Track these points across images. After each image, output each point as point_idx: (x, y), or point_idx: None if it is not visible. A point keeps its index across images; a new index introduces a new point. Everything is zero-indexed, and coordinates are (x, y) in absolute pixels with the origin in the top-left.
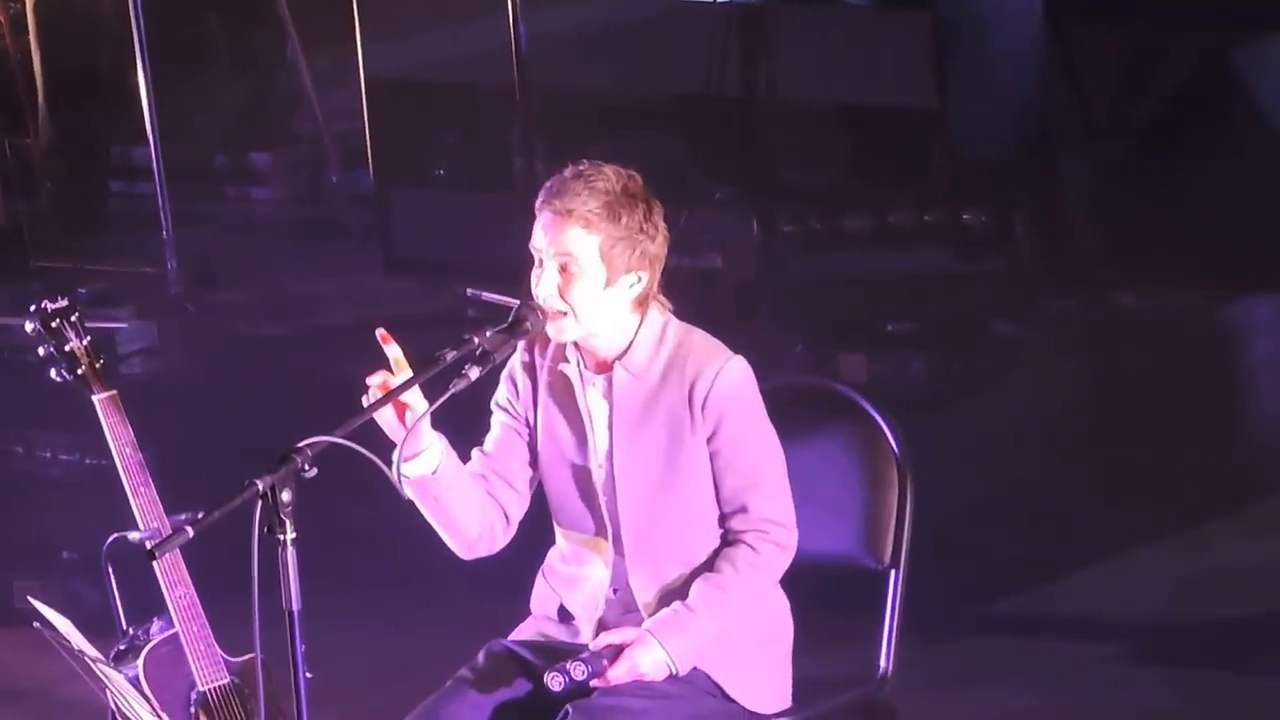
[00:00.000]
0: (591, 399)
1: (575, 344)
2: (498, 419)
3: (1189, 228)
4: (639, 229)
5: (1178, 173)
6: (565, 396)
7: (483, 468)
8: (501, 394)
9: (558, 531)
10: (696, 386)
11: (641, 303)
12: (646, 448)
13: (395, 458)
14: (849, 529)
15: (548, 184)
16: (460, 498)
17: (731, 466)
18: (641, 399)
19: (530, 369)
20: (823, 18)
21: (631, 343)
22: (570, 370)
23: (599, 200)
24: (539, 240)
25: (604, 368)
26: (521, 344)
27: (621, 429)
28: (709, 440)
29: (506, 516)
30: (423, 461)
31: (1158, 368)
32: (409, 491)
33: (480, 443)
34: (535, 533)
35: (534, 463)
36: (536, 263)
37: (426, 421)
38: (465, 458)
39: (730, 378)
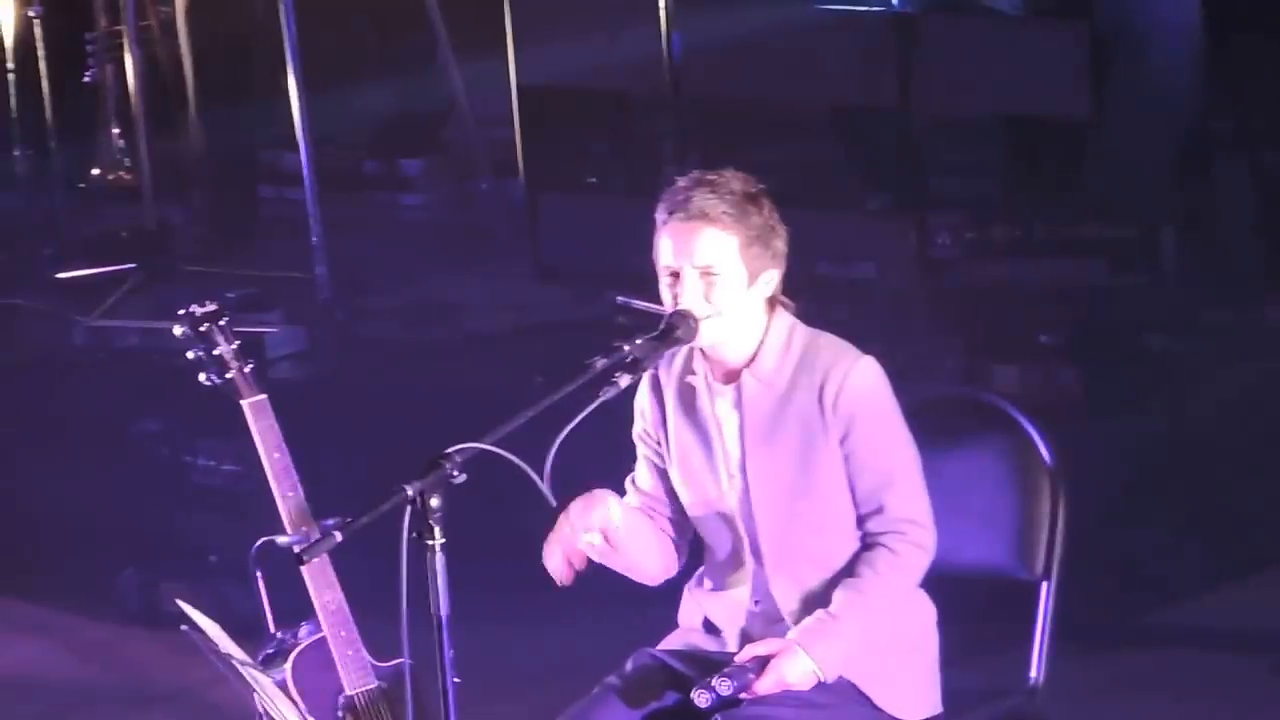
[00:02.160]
0: (721, 410)
1: (703, 354)
2: (640, 451)
3: None
4: (767, 226)
5: None
6: (694, 410)
7: (640, 502)
8: (636, 425)
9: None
10: (826, 388)
11: (770, 304)
12: (779, 455)
13: (545, 463)
14: (1001, 540)
15: (666, 198)
16: (636, 544)
17: (865, 467)
18: (771, 406)
19: (657, 389)
20: (977, 27)
21: (759, 349)
22: (698, 383)
23: (728, 202)
24: (671, 255)
25: (732, 377)
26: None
27: (753, 438)
28: (842, 442)
29: (676, 541)
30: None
31: None
32: (593, 549)
33: (623, 467)
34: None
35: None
36: (669, 280)
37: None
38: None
39: (860, 378)
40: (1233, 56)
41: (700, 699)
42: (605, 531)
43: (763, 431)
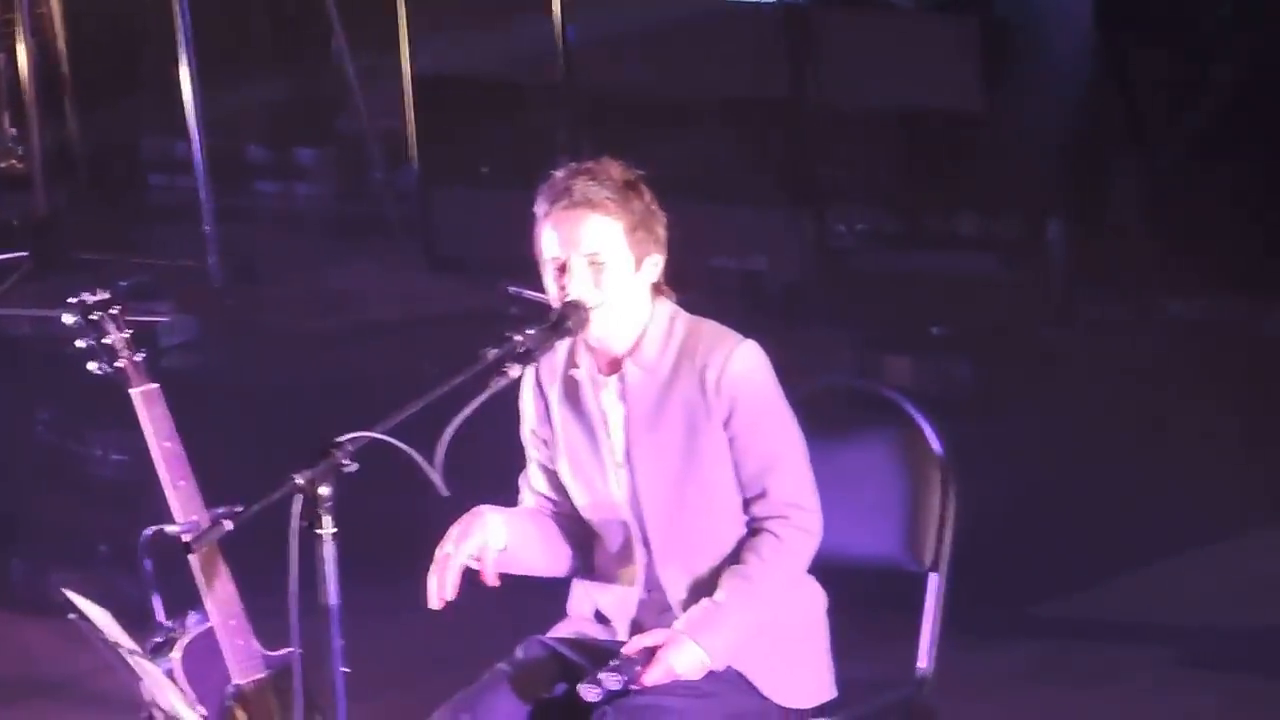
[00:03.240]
0: (606, 402)
1: (587, 346)
2: (529, 452)
3: (1236, 236)
4: (648, 210)
5: (1225, 180)
6: (579, 404)
7: (534, 502)
8: (525, 424)
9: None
10: (708, 373)
11: (654, 291)
12: (664, 444)
13: (437, 453)
14: (891, 531)
15: (546, 190)
16: (529, 553)
17: (749, 451)
18: (655, 394)
19: (540, 386)
20: (870, 20)
21: (641, 336)
22: (582, 375)
23: (609, 188)
24: (556, 246)
25: (615, 366)
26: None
27: (637, 428)
28: (725, 425)
29: (573, 537)
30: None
31: (1202, 374)
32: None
33: (515, 457)
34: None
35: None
36: (556, 271)
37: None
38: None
39: (741, 361)
40: (1124, 51)
41: (588, 694)
42: (483, 556)
43: (647, 421)
